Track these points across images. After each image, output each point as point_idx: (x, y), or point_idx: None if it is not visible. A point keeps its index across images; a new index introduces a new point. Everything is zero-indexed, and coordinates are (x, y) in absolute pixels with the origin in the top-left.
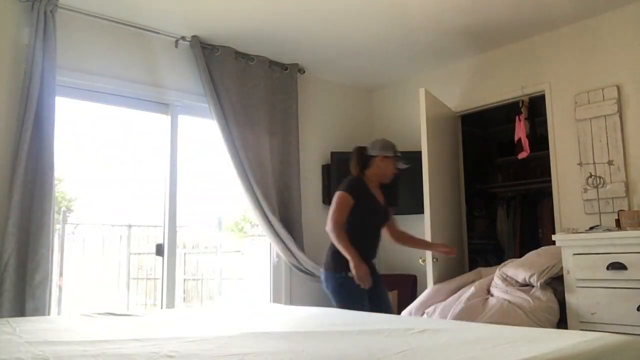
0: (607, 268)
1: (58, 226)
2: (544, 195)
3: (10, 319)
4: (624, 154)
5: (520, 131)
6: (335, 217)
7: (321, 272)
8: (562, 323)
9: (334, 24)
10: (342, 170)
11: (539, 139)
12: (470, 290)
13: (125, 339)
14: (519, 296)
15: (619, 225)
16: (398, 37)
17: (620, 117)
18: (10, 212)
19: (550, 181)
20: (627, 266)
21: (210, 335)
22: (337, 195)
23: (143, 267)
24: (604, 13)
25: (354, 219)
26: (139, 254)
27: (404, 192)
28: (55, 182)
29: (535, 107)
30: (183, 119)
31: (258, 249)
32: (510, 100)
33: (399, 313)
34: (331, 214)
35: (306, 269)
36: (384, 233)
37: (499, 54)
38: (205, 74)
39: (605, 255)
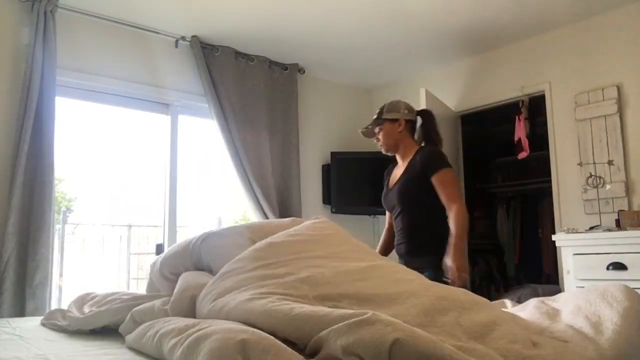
0: (607, 268)
1: (58, 226)
2: (544, 195)
3: (10, 319)
4: (624, 154)
5: (520, 131)
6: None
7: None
8: None
9: (333, 24)
10: (342, 170)
11: (539, 139)
12: None
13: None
14: None
15: (619, 225)
16: (398, 37)
17: (620, 117)
18: (10, 212)
19: (550, 181)
20: (627, 266)
21: None
22: None
23: (143, 267)
24: (604, 13)
25: None
26: (139, 254)
27: None
28: (55, 182)
29: (535, 107)
30: (183, 119)
31: None
32: (510, 100)
33: None
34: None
35: None
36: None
37: (499, 54)
38: (205, 74)
39: (605, 255)
